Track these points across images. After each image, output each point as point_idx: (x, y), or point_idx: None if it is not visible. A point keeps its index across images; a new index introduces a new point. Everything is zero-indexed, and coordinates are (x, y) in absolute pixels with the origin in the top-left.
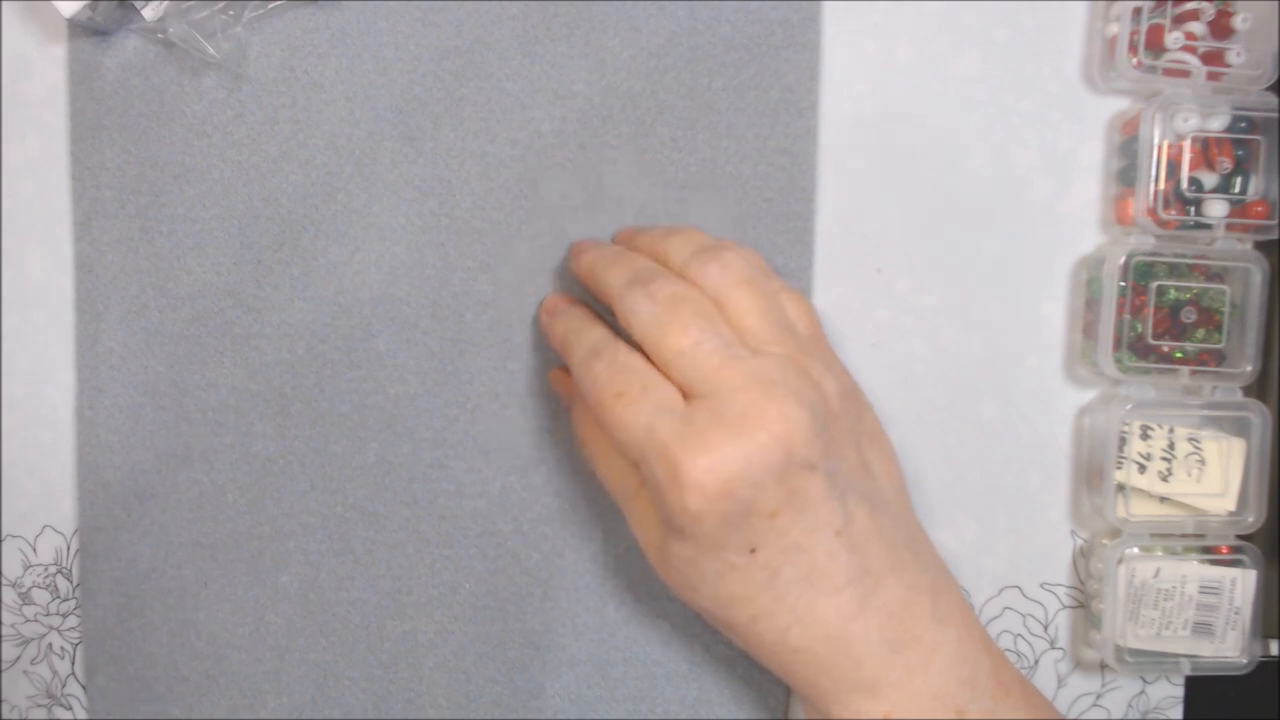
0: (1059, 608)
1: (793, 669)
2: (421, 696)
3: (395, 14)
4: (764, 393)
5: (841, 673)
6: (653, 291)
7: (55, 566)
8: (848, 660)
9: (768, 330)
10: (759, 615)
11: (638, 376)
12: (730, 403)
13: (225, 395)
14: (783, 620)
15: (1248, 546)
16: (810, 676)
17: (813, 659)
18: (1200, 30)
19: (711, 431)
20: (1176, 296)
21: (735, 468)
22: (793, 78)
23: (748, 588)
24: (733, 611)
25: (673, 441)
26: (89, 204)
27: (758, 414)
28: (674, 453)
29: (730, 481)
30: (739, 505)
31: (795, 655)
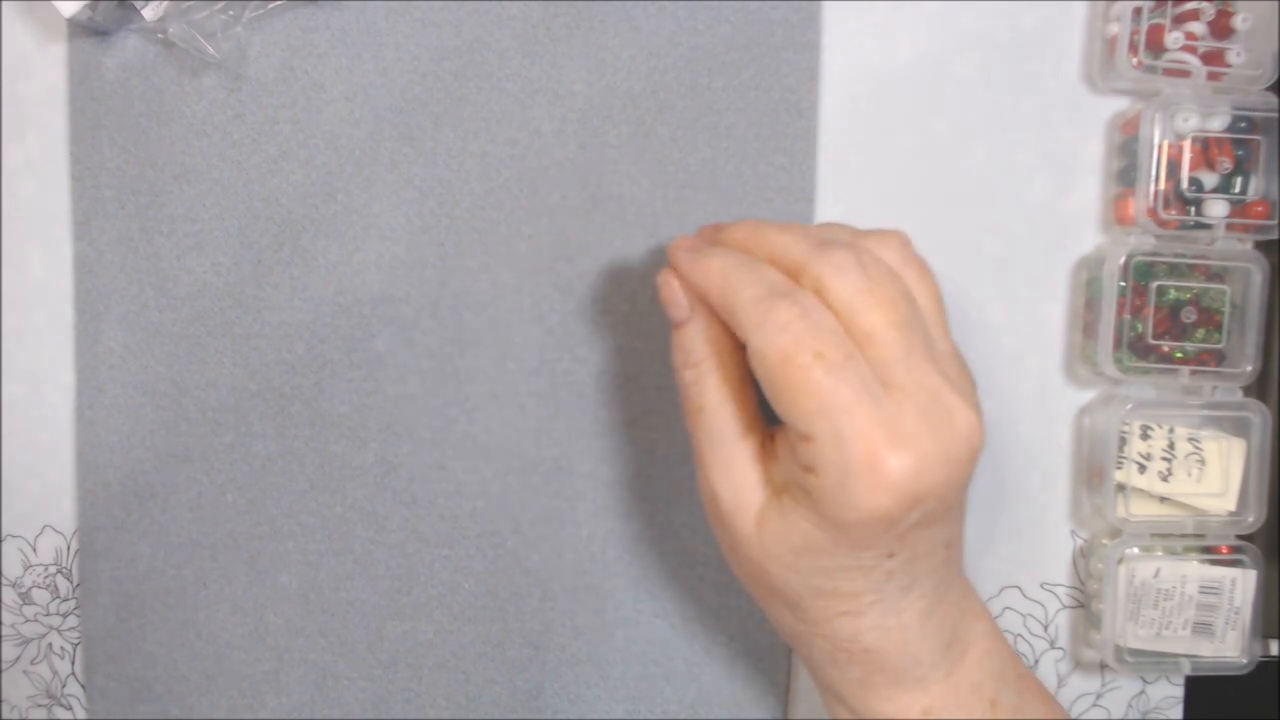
0: (1059, 608)
1: (849, 664)
2: (421, 696)
3: (395, 14)
4: (964, 397)
5: (898, 670)
6: (860, 256)
7: (55, 566)
8: (909, 659)
9: (943, 325)
10: (847, 614)
11: (840, 342)
12: (935, 401)
13: (225, 395)
14: (868, 620)
15: (1248, 546)
16: (864, 673)
17: (876, 658)
18: (1200, 30)
19: (917, 430)
20: (1176, 296)
21: (936, 478)
22: (793, 78)
23: (860, 586)
24: (824, 605)
25: (876, 430)
26: (89, 204)
27: (962, 422)
28: (876, 443)
29: (928, 490)
30: (920, 513)
31: (862, 654)
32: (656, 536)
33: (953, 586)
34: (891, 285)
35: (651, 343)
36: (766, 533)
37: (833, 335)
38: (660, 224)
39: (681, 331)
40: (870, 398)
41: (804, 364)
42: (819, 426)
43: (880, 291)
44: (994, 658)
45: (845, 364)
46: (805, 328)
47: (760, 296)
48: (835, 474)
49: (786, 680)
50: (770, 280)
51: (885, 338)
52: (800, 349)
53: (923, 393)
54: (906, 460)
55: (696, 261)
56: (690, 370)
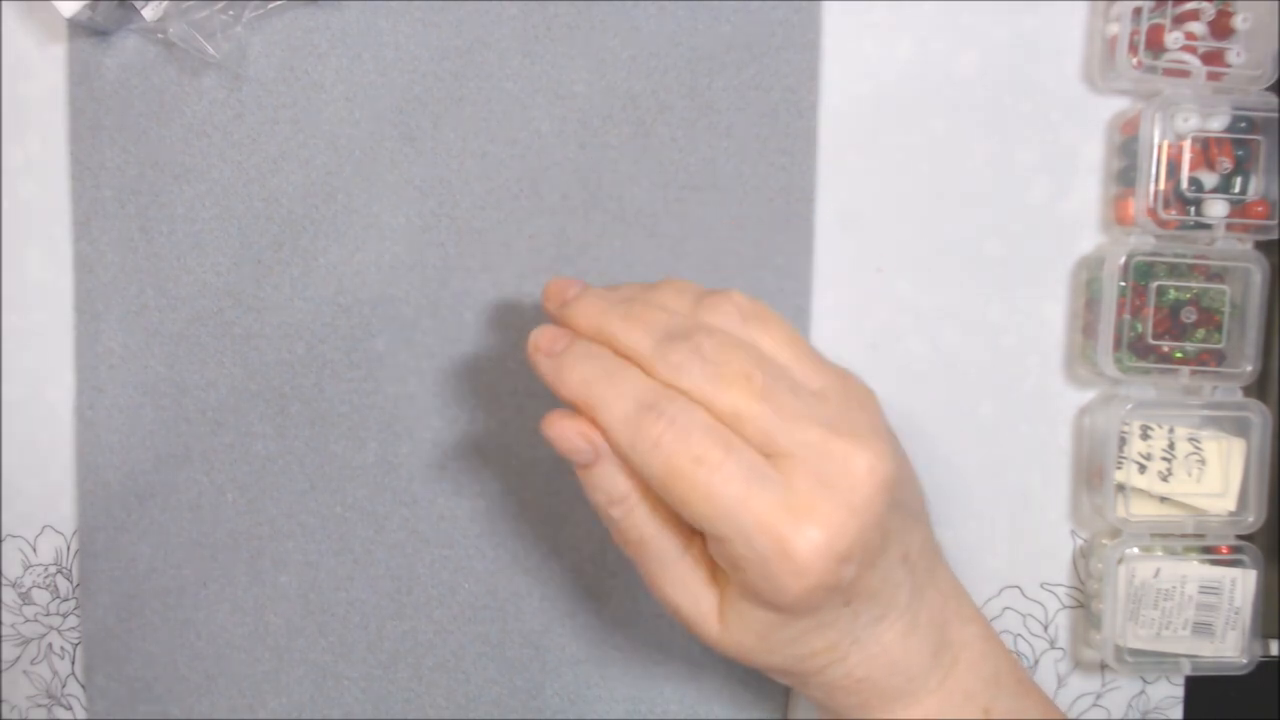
0: (1059, 608)
1: (847, 696)
2: (421, 696)
3: (395, 14)
4: (853, 439)
5: (891, 689)
6: (698, 345)
7: (55, 566)
8: (899, 677)
9: (807, 364)
10: (832, 664)
11: (715, 437)
12: (825, 458)
13: (225, 395)
14: (854, 659)
15: (1248, 546)
16: (861, 699)
17: (870, 685)
18: (1200, 30)
19: (817, 497)
20: (1176, 296)
21: (851, 536)
22: (793, 78)
23: (833, 637)
24: (810, 663)
25: (776, 515)
26: (89, 204)
27: (857, 466)
28: (781, 528)
29: (847, 550)
30: (850, 568)
31: (856, 684)
32: None
33: (927, 592)
34: (738, 359)
35: None
36: (730, 631)
37: (705, 433)
38: (660, 224)
39: (592, 472)
40: (760, 482)
41: (686, 473)
42: (721, 528)
43: (728, 371)
44: (987, 662)
45: (726, 459)
46: (676, 436)
47: (626, 415)
48: (756, 568)
49: None
50: (632, 390)
51: (751, 413)
52: (679, 459)
53: (809, 451)
54: (815, 534)
55: (559, 373)
56: (616, 508)
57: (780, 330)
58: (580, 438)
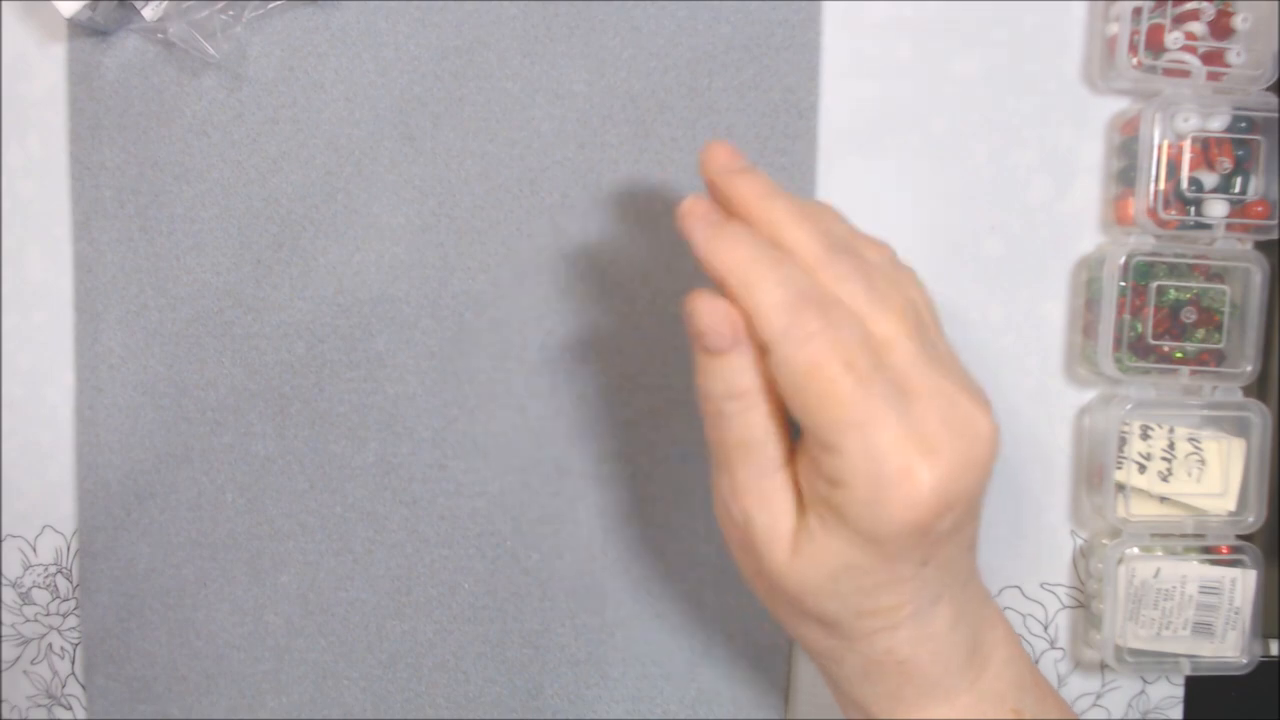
0: (1059, 608)
1: (881, 678)
2: (420, 696)
3: (395, 14)
4: (980, 402)
5: (927, 680)
6: (864, 264)
7: (55, 566)
8: (939, 668)
9: (939, 330)
10: (885, 629)
11: (869, 351)
12: (954, 409)
13: (224, 395)
14: (904, 633)
15: (1248, 546)
16: (895, 686)
17: (910, 669)
18: (1200, 30)
19: (944, 440)
20: (1176, 296)
21: (965, 483)
22: (793, 78)
23: (898, 599)
24: (864, 622)
25: (904, 441)
26: (88, 204)
27: (981, 426)
28: (906, 455)
29: (955, 499)
30: (948, 521)
31: (896, 665)
32: (656, 536)
33: (969, 588)
34: (898, 293)
35: (651, 343)
36: (803, 560)
37: (860, 345)
38: (660, 224)
39: (722, 361)
40: (898, 408)
41: (833, 375)
42: (848, 439)
43: (890, 300)
44: (1014, 665)
45: (873, 375)
46: (832, 337)
47: (785, 302)
48: (867, 488)
49: (786, 680)
50: (795, 282)
51: (901, 344)
52: (829, 359)
53: (942, 399)
54: (938, 469)
55: (717, 243)
56: (734, 402)
57: (924, 292)
58: (726, 321)
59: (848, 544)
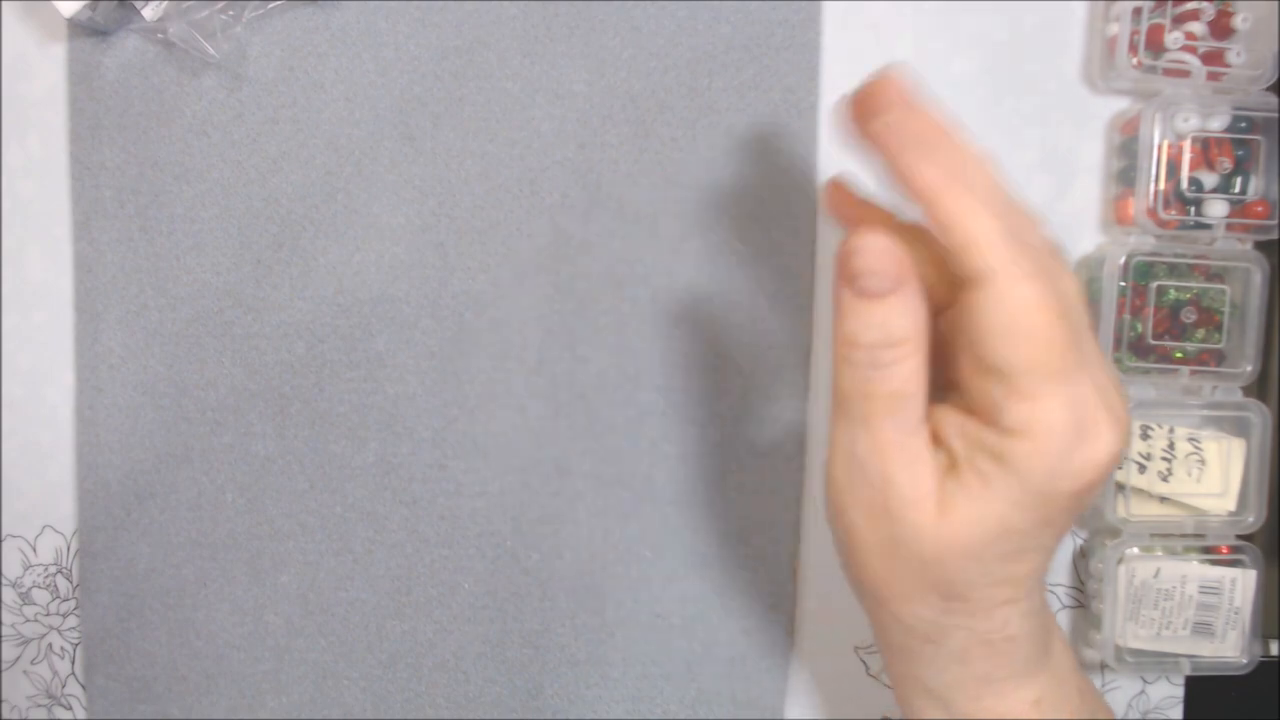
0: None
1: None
2: (420, 696)
3: (395, 14)
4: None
5: (1021, 658)
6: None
7: (55, 566)
8: (1034, 645)
9: None
10: (1012, 600)
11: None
12: (1111, 381)
13: (224, 395)
14: (1023, 605)
15: (1248, 546)
16: (990, 667)
17: (1014, 646)
18: (1200, 30)
19: (1119, 404)
20: (1176, 296)
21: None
22: (793, 78)
23: (1034, 567)
24: (995, 592)
25: (1100, 401)
26: (88, 204)
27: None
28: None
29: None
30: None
31: (1006, 643)
32: (656, 537)
33: None
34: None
35: (652, 342)
36: (954, 521)
37: (1075, 297)
38: (660, 224)
39: (882, 305)
40: (1087, 367)
41: (1050, 319)
42: (1049, 388)
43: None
44: (1068, 648)
45: (1081, 329)
46: (1050, 283)
47: (1010, 234)
48: (1060, 441)
49: (786, 680)
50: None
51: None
52: (1050, 301)
53: (1101, 372)
54: (1116, 433)
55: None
56: (891, 351)
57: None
58: (893, 260)
59: (1011, 504)
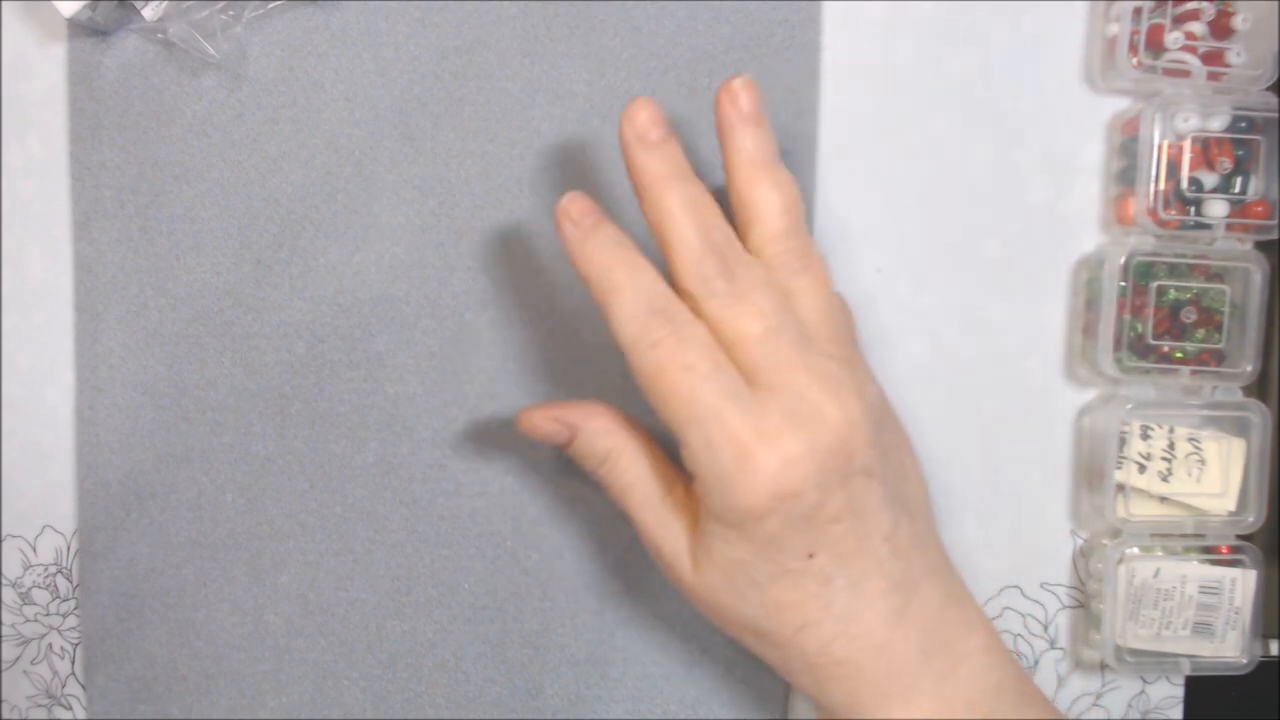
0: (1059, 608)
1: (831, 683)
2: (420, 696)
3: (395, 14)
4: (832, 394)
5: (880, 683)
6: (731, 269)
7: (55, 566)
8: (887, 670)
9: (827, 328)
10: (807, 625)
11: (708, 353)
12: (801, 399)
13: (224, 395)
14: (829, 629)
15: (1248, 546)
16: (848, 690)
17: (854, 670)
18: (1200, 30)
19: (784, 427)
20: (1176, 296)
21: (807, 468)
22: (793, 78)
23: (800, 594)
24: (779, 622)
25: (743, 430)
26: (88, 204)
27: (827, 414)
28: (746, 443)
29: (802, 481)
30: (805, 507)
31: (838, 668)
32: None
33: (921, 586)
34: (761, 294)
35: None
36: (701, 569)
37: (702, 348)
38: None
39: (573, 446)
40: (735, 401)
41: (674, 377)
42: (691, 433)
43: (747, 302)
44: (991, 672)
45: (712, 373)
46: (675, 343)
47: (634, 314)
48: (712, 476)
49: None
50: (647, 289)
51: (750, 344)
52: (671, 363)
53: (788, 391)
54: (773, 455)
55: (583, 248)
56: (602, 467)
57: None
58: (552, 422)
59: (723, 540)
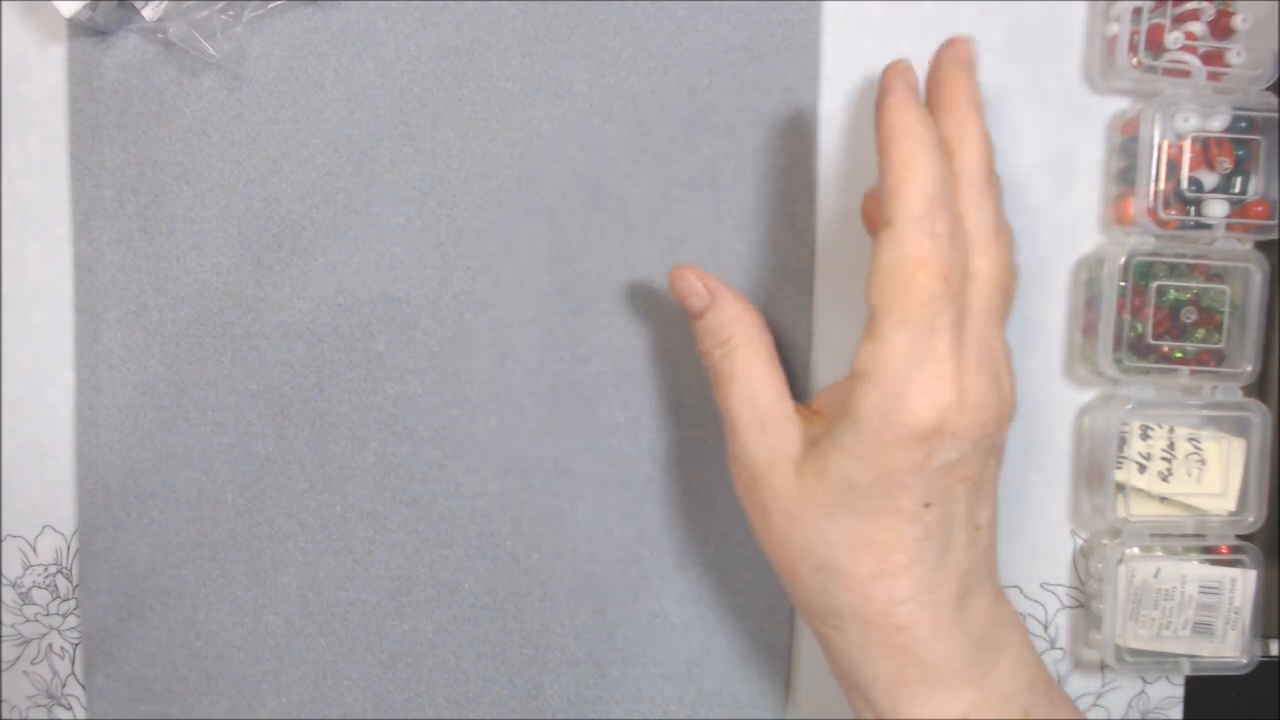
0: (1059, 608)
1: (883, 650)
2: (420, 696)
3: (395, 14)
4: (1008, 369)
5: (931, 665)
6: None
7: (55, 566)
8: (942, 652)
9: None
10: (883, 574)
11: (959, 275)
12: (992, 357)
13: (224, 395)
14: (904, 588)
15: (1248, 546)
16: (897, 664)
17: (911, 641)
18: (1200, 30)
19: (975, 375)
20: (1176, 296)
21: (976, 419)
22: (793, 78)
23: (895, 539)
24: (860, 560)
25: (947, 358)
26: (88, 204)
27: (1004, 385)
28: (944, 369)
29: (967, 428)
30: (953, 454)
31: (897, 633)
32: (656, 536)
33: (985, 583)
34: (1008, 247)
35: (651, 342)
36: (806, 478)
37: (959, 268)
38: (660, 224)
39: (705, 318)
40: (954, 330)
41: (927, 276)
42: (899, 334)
43: (999, 243)
44: (1026, 668)
45: (954, 296)
46: (949, 246)
47: (931, 195)
48: (892, 383)
49: (786, 680)
50: (945, 188)
51: (983, 286)
52: (934, 260)
53: (986, 346)
54: (956, 395)
55: (903, 112)
56: (720, 348)
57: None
58: (699, 282)
59: (850, 455)
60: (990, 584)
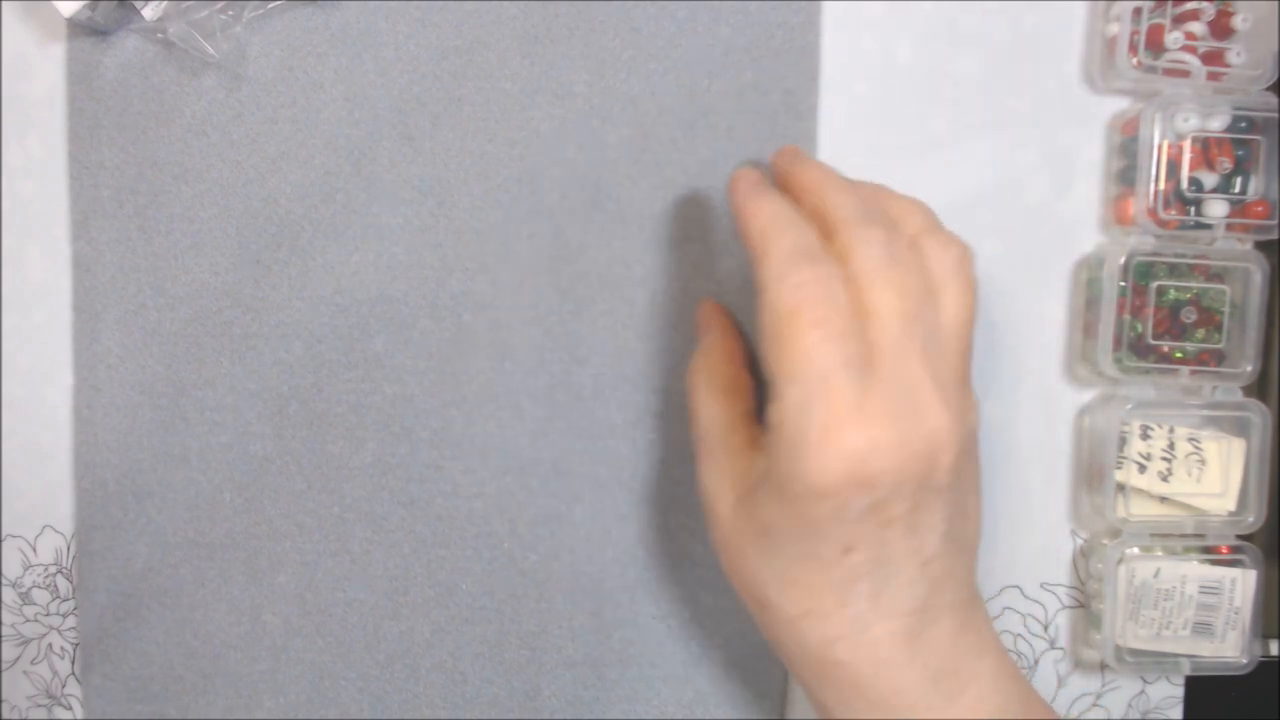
0: (1059, 608)
1: (827, 680)
2: (418, 697)
3: (395, 14)
4: (941, 402)
5: (878, 697)
6: (893, 238)
7: (55, 566)
8: (888, 686)
9: (957, 341)
10: (813, 613)
11: (844, 316)
12: (910, 394)
13: (223, 395)
14: (836, 628)
15: (1248, 546)
16: (843, 693)
17: (851, 675)
18: (1200, 30)
19: (884, 414)
20: (1176, 296)
21: (890, 462)
22: (792, 80)
23: (820, 582)
24: (788, 599)
25: (843, 403)
26: (87, 204)
27: (929, 419)
28: (841, 415)
29: (880, 472)
30: (869, 500)
31: (835, 668)
32: (654, 538)
33: (944, 613)
34: (912, 276)
35: (650, 343)
36: (739, 515)
37: (840, 310)
38: (660, 224)
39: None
40: (848, 372)
41: (803, 325)
42: (791, 389)
43: (897, 274)
44: (998, 695)
45: (840, 338)
46: (819, 292)
47: (790, 252)
48: (792, 437)
49: (784, 681)
50: (806, 242)
51: (884, 319)
52: (807, 310)
53: (900, 383)
54: (861, 436)
55: (750, 200)
56: (689, 376)
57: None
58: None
59: (770, 501)
60: (952, 613)
